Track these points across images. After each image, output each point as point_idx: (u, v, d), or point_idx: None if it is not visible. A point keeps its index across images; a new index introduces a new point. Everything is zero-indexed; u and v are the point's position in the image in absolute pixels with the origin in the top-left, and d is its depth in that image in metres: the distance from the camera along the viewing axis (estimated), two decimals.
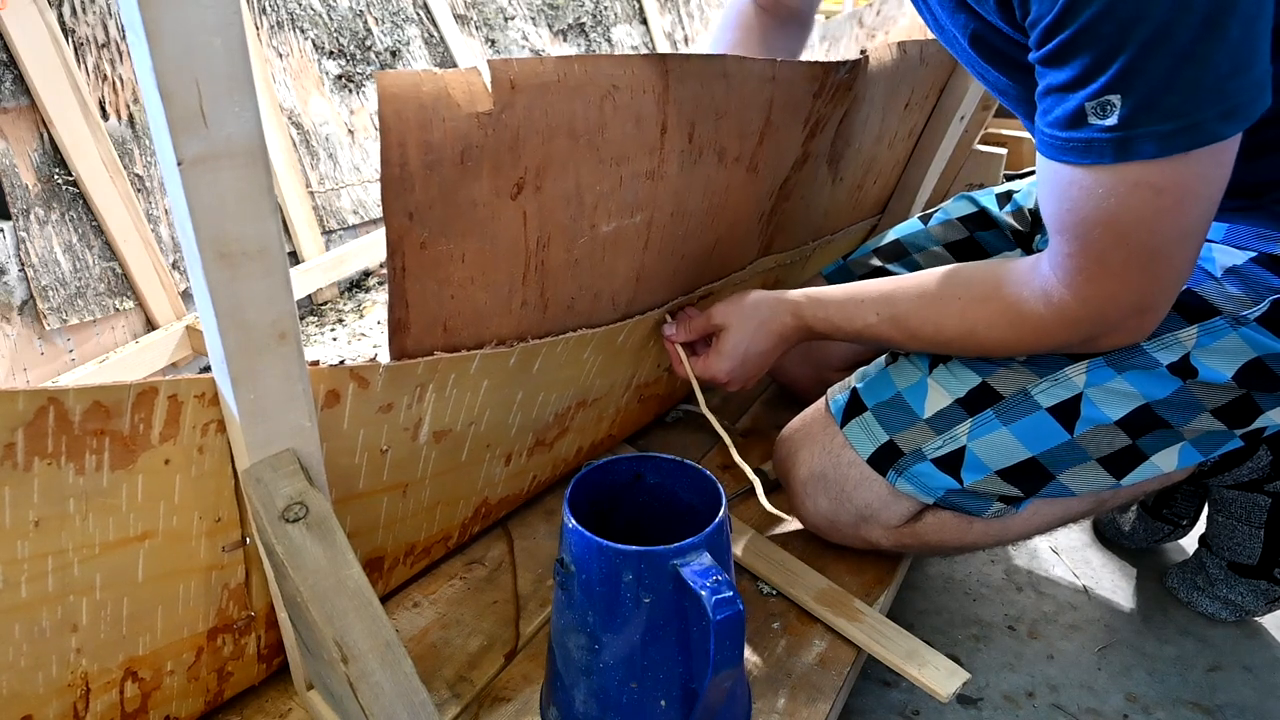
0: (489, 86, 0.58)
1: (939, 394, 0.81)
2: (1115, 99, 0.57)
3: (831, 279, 1.10)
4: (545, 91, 0.61)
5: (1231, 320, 0.71)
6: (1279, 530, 0.95)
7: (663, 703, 0.63)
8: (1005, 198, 1.07)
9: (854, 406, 0.86)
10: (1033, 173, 1.10)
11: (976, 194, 1.10)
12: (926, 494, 0.82)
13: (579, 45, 1.93)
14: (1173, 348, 0.72)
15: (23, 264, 1.06)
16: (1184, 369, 0.72)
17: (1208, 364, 0.72)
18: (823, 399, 0.92)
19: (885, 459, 0.83)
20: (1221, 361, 0.72)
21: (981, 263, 0.78)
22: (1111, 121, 0.58)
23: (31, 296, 1.07)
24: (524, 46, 1.80)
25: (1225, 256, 0.73)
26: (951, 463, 0.80)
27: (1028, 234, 1.03)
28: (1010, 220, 1.05)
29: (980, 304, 0.74)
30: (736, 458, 0.83)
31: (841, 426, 0.86)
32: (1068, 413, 0.76)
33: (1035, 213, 1.02)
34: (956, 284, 0.76)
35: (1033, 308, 0.70)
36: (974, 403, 0.80)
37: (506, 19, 1.79)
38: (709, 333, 0.88)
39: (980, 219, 1.07)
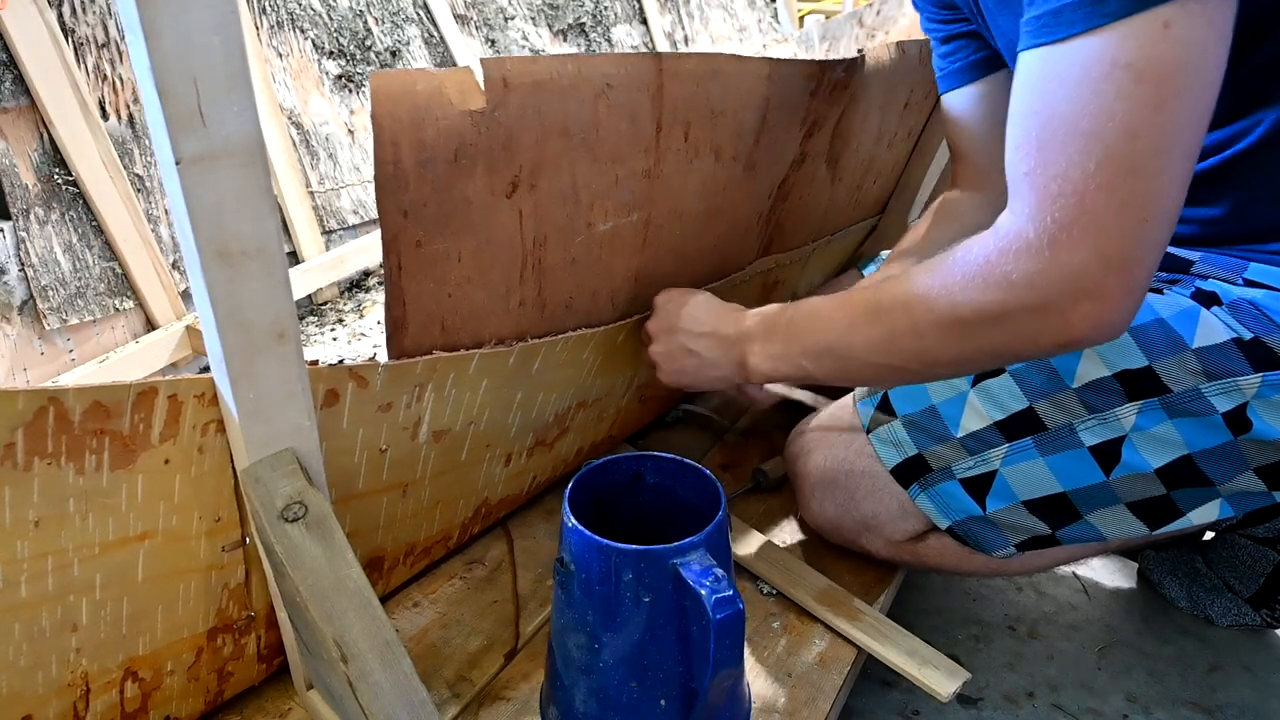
0: (482, 85, 0.58)
1: (977, 414, 0.77)
2: None
3: None
4: (539, 90, 0.61)
5: None
6: (1279, 581, 0.95)
7: (663, 702, 0.63)
8: None
9: (883, 412, 0.82)
10: None
11: None
12: (944, 515, 0.79)
13: (579, 45, 1.93)
14: (1232, 394, 0.68)
15: (22, 264, 1.06)
16: (1238, 420, 0.69)
17: (1264, 417, 0.68)
18: (847, 398, 0.88)
19: (911, 472, 0.80)
20: (1278, 417, 0.68)
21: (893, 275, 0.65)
22: None
23: (31, 296, 1.07)
24: (524, 46, 1.80)
25: None
26: (979, 486, 0.77)
27: None
28: None
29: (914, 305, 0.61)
30: None
31: (867, 432, 0.83)
32: (1108, 455, 0.73)
33: None
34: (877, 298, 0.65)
35: (979, 278, 0.57)
36: (1015, 428, 0.75)
37: (506, 19, 1.79)
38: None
39: None
